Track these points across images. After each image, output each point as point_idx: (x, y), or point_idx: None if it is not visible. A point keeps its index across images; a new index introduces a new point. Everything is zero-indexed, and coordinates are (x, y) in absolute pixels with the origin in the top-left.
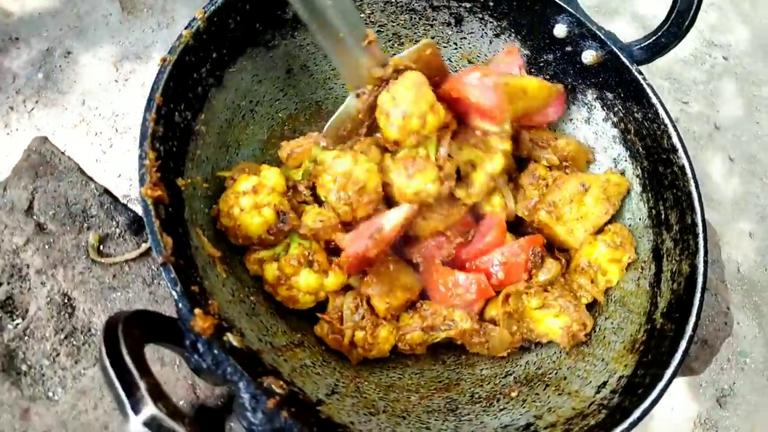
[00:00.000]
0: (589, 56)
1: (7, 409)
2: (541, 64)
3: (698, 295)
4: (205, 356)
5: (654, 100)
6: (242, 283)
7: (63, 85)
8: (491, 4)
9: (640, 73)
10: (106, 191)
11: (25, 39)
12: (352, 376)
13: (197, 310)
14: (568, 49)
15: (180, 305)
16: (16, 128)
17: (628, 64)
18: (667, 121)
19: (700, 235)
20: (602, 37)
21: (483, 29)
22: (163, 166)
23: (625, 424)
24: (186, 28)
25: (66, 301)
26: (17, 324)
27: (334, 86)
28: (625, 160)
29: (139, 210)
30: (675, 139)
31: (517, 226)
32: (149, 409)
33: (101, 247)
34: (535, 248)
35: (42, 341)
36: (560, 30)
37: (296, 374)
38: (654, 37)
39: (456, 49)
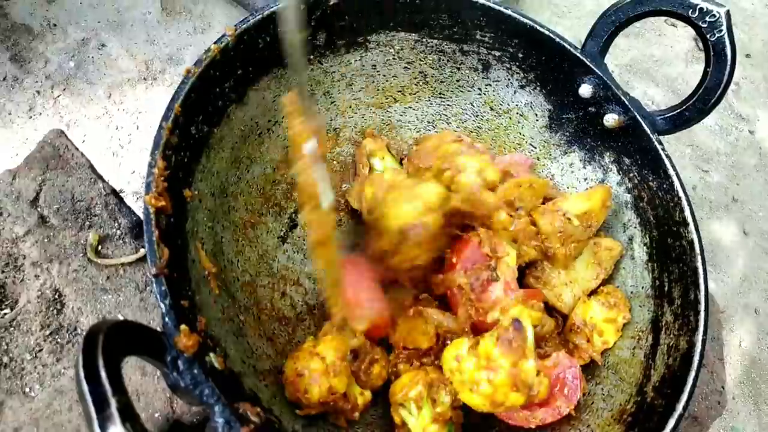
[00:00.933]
0: (611, 119)
1: None
2: (563, 121)
3: (693, 373)
4: (184, 375)
5: (671, 171)
6: (234, 301)
7: (92, 76)
8: (520, 55)
9: (660, 143)
10: (114, 192)
11: (63, 27)
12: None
13: (183, 327)
14: (591, 109)
15: (166, 319)
16: (39, 112)
17: (649, 132)
18: (681, 193)
19: (702, 313)
20: (626, 102)
21: (509, 79)
22: (172, 176)
23: None
24: (215, 43)
25: (56, 297)
26: (5, 314)
27: (353, 116)
28: (635, 227)
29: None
30: (687, 213)
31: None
32: (116, 429)
33: (99, 248)
34: (535, 303)
35: (27, 335)
36: (585, 90)
37: (275, 402)
38: (679, 110)
39: (480, 94)
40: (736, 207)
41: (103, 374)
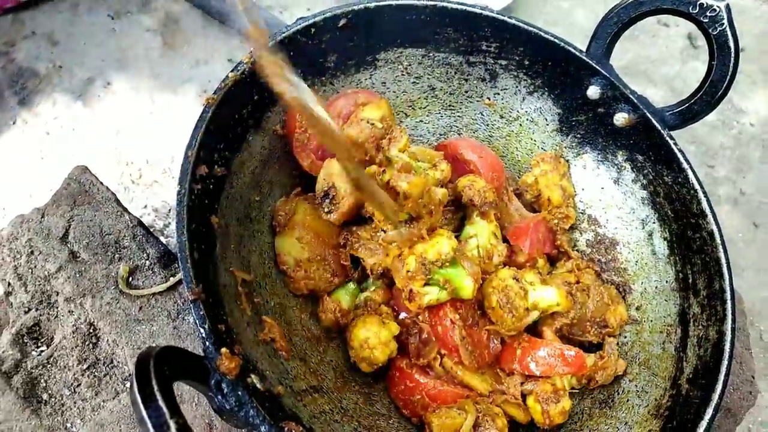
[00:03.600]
0: (621, 119)
1: None
2: (573, 124)
3: (725, 362)
4: (228, 397)
5: (685, 165)
6: (265, 324)
7: (100, 114)
8: (527, 63)
9: (672, 138)
10: (140, 223)
11: (68, 67)
12: (369, 426)
13: (224, 350)
14: (600, 110)
15: (207, 344)
16: (50, 153)
17: (660, 128)
18: (697, 186)
19: (728, 302)
20: (635, 100)
21: (517, 86)
22: (199, 204)
23: None
24: (232, 71)
25: (91, 331)
26: (41, 351)
27: None
28: (653, 222)
29: (167, 242)
30: (704, 205)
31: None
32: None
33: (130, 279)
34: None
35: (65, 370)
36: (593, 92)
37: (315, 420)
38: (687, 104)
39: (489, 103)
40: (744, 200)
41: (159, 398)
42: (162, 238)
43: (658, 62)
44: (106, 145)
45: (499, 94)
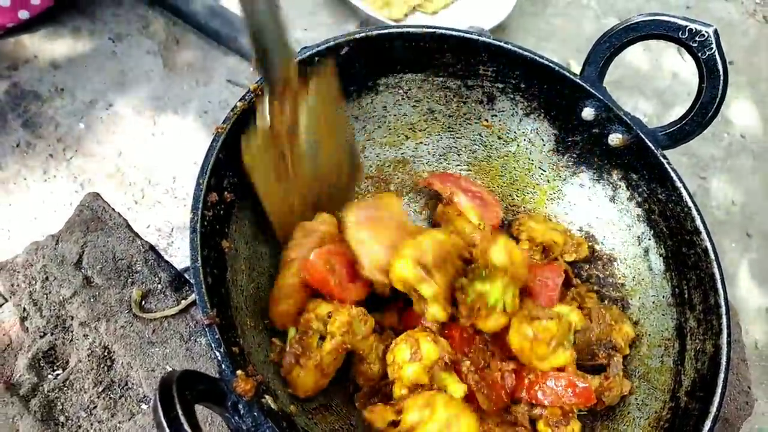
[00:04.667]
0: (615, 139)
1: None
2: (569, 144)
3: (722, 375)
4: (245, 418)
5: (678, 183)
6: (274, 345)
7: (102, 136)
8: (523, 85)
9: (665, 157)
10: (151, 248)
11: (70, 90)
12: None
13: (239, 372)
14: (595, 131)
15: (223, 366)
16: (53, 175)
17: (653, 148)
18: (690, 204)
19: (724, 317)
20: (628, 121)
21: (514, 108)
22: (211, 229)
23: None
24: (240, 101)
25: (106, 354)
26: (58, 375)
27: (369, 155)
28: (649, 239)
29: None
30: (698, 222)
31: None
32: None
33: (143, 303)
34: None
35: (81, 393)
36: (588, 113)
37: None
38: (678, 125)
39: (487, 125)
40: (736, 210)
41: (183, 421)
42: (165, 257)
43: (649, 76)
44: (108, 166)
45: (496, 115)
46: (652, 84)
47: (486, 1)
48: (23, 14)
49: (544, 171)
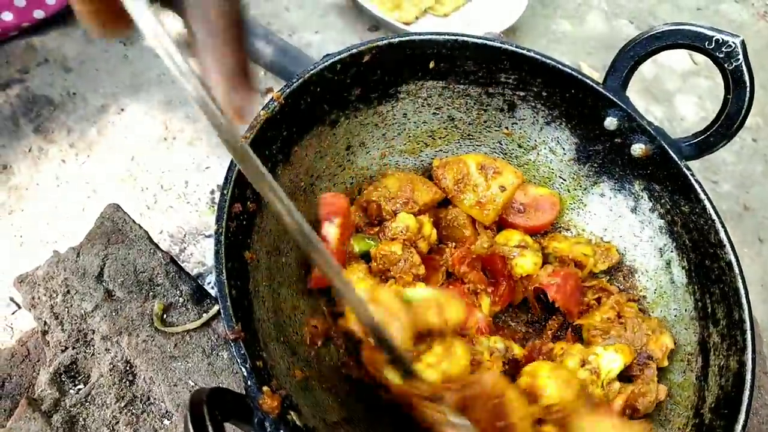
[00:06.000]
0: (638, 149)
1: None
2: (590, 153)
3: (747, 393)
4: None
5: (702, 195)
6: (296, 357)
7: (114, 141)
8: (545, 94)
9: (689, 168)
10: (172, 260)
11: (82, 95)
12: None
13: (265, 389)
14: (618, 141)
15: (249, 382)
16: (66, 181)
17: (676, 159)
18: (714, 216)
19: (748, 332)
20: (652, 132)
21: (535, 116)
22: (234, 240)
23: None
24: (263, 109)
25: (128, 368)
26: (79, 389)
27: (388, 162)
28: (671, 251)
29: (188, 269)
30: (722, 235)
31: None
32: None
33: (165, 316)
34: None
35: (102, 408)
36: (611, 123)
37: None
38: (703, 136)
39: (507, 133)
40: (748, 215)
41: None
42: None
43: (660, 80)
44: (121, 171)
45: (517, 123)
46: (662, 87)
47: (497, 3)
48: (38, 14)
49: (565, 180)
